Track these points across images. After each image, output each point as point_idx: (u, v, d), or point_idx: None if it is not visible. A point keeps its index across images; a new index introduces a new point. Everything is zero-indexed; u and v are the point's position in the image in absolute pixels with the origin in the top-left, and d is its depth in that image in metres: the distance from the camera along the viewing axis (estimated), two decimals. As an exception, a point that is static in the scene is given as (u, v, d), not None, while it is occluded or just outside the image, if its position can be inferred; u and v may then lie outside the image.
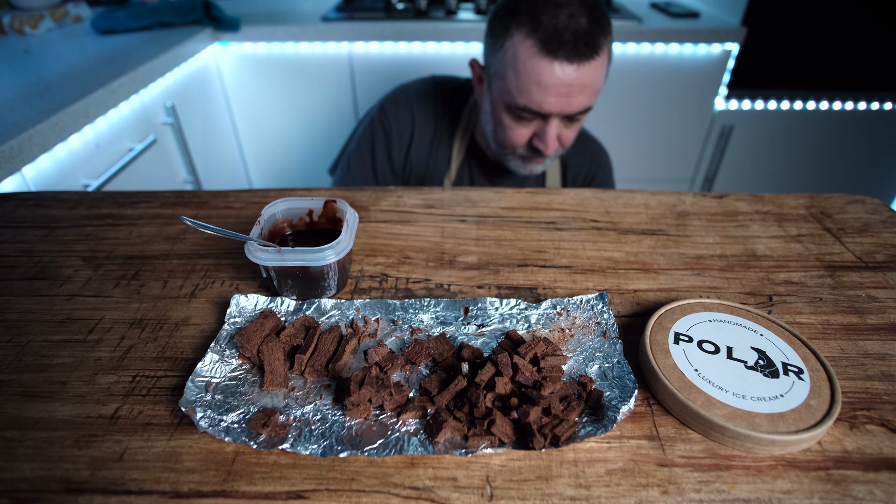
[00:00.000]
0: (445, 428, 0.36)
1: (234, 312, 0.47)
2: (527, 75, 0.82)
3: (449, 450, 0.36)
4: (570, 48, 0.78)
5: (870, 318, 0.48)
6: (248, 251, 0.46)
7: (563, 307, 0.48)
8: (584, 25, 0.78)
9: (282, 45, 1.64)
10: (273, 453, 0.36)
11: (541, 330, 0.46)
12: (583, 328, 0.46)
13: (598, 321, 0.47)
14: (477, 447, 0.36)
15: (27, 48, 1.36)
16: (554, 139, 0.88)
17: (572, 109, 0.84)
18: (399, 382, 0.40)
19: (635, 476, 0.34)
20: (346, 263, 0.51)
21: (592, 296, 0.49)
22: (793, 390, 0.38)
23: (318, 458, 0.35)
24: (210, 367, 0.41)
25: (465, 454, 0.35)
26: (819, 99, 1.76)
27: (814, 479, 0.34)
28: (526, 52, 0.81)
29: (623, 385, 0.40)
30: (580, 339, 0.45)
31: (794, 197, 0.67)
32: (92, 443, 0.36)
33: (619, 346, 0.43)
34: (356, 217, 0.51)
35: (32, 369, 0.42)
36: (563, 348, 0.44)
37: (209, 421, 0.36)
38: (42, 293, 0.50)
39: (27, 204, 0.65)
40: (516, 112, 0.87)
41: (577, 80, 0.81)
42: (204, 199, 0.66)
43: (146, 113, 1.31)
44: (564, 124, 0.88)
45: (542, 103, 0.83)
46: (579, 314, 0.48)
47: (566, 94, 0.82)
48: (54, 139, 0.97)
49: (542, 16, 0.79)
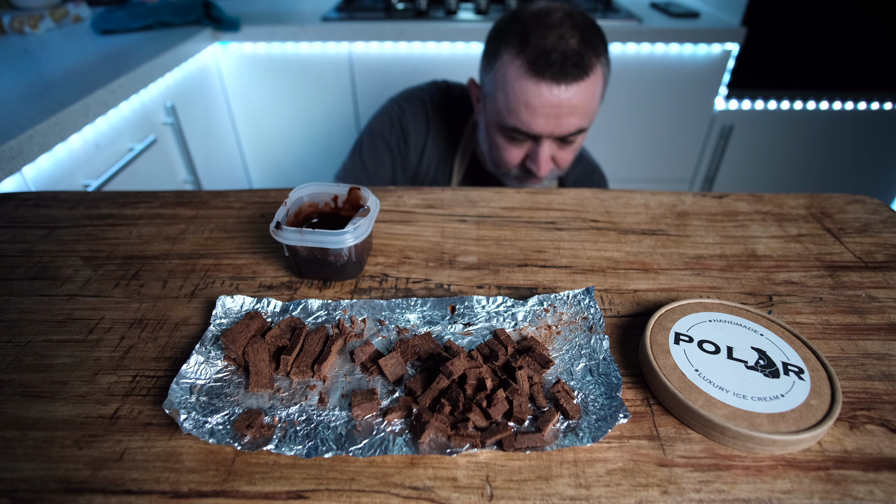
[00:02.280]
0: (428, 429, 0.36)
1: (220, 314, 0.46)
2: (514, 96, 0.82)
3: (433, 450, 0.36)
4: (558, 69, 0.78)
5: (870, 318, 0.48)
6: (273, 230, 0.49)
7: (549, 303, 0.48)
8: (573, 46, 0.78)
9: (282, 45, 1.64)
10: (273, 453, 0.36)
11: (527, 328, 0.46)
12: (569, 324, 0.46)
13: (584, 316, 0.47)
14: (461, 447, 0.36)
15: (27, 48, 1.36)
16: (546, 160, 0.87)
17: (563, 131, 0.83)
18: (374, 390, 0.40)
19: (635, 476, 0.34)
20: (365, 247, 0.52)
21: (579, 290, 0.49)
22: (793, 390, 0.38)
23: (318, 459, 0.35)
24: (195, 369, 0.41)
25: (449, 454, 0.35)
26: (819, 99, 1.76)
27: (814, 479, 0.34)
28: (514, 72, 0.81)
29: (609, 382, 0.40)
30: (566, 336, 0.45)
31: (794, 197, 0.67)
32: (92, 443, 0.36)
33: (606, 343, 0.44)
34: (378, 204, 0.53)
35: (32, 369, 0.42)
36: (550, 347, 0.44)
37: (193, 423, 0.36)
38: (42, 293, 0.50)
39: (27, 204, 0.65)
40: (508, 133, 0.87)
41: (567, 101, 0.80)
42: (204, 199, 0.66)
43: (146, 113, 1.31)
44: (558, 146, 0.88)
45: (531, 124, 0.83)
46: (566, 310, 0.48)
47: (555, 115, 0.81)
48: (54, 139, 0.97)
49: (531, 36, 0.79)
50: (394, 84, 1.68)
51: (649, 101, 1.72)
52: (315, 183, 0.55)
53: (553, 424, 0.37)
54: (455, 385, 0.39)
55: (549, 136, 0.85)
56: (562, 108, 0.81)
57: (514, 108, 0.83)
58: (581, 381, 0.41)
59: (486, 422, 0.37)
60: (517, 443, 0.36)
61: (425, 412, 0.37)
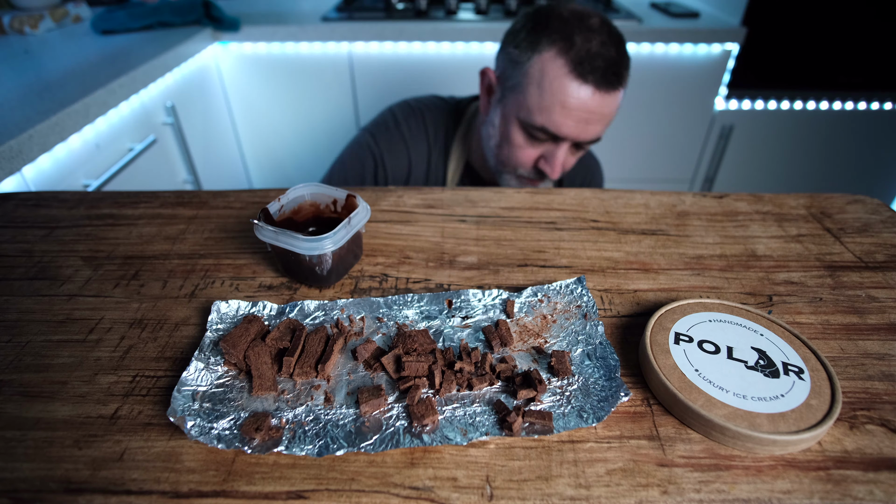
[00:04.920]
0: (429, 412, 0.37)
1: (216, 319, 0.46)
2: (552, 94, 0.79)
3: (440, 439, 0.36)
4: (601, 75, 0.77)
5: (870, 318, 0.48)
6: (254, 222, 0.49)
7: (543, 294, 0.49)
8: (613, 55, 0.77)
9: (282, 45, 1.64)
10: (273, 453, 0.35)
11: (524, 318, 0.47)
12: (564, 312, 0.47)
13: (578, 304, 0.48)
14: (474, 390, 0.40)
15: (27, 48, 1.36)
16: (561, 164, 0.86)
17: (587, 136, 0.83)
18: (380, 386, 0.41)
19: (635, 476, 0.34)
20: (345, 256, 0.51)
21: (571, 280, 0.50)
22: (793, 390, 0.38)
23: (318, 459, 0.35)
24: (195, 376, 0.40)
25: (462, 443, 0.36)
26: (819, 99, 1.75)
27: (814, 479, 0.34)
28: (556, 70, 0.78)
29: (607, 364, 0.41)
30: (562, 324, 0.46)
31: (794, 197, 0.66)
32: (92, 443, 0.36)
33: (601, 328, 0.45)
34: (367, 213, 0.52)
35: (32, 369, 0.42)
36: (547, 334, 0.45)
37: (200, 429, 0.36)
38: (42, 293, 0.50)
39: (27, 204, 0.64)
40: (530, 130, 0.84)
41: (599, 108, 0.79)
42: (204, 199, 0.65)
43: (146, 113, 1.31)
44: (572, 151, 0.87)
45: (561, 126, 0.81)
46: (560, 299, 0.49)
47: (586, 120, 0.80)
48: (54, 139, 0.97)
49: (576, 37, 0.77)
50: (394, 84, 1.69)
51: (649, 101, 1.72)
52: (317, 184, 0.55)
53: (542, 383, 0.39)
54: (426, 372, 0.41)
55: (574, 140, 0.83)
56: (593, 115, 0.80)
57: (547, 107, 0.80)
58: (580, 366, 0.42)
59: (471, 366, 0.41)
60: (525, 416, 0.37)
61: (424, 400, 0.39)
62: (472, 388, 0.40)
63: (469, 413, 0.38)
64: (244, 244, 0.57)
